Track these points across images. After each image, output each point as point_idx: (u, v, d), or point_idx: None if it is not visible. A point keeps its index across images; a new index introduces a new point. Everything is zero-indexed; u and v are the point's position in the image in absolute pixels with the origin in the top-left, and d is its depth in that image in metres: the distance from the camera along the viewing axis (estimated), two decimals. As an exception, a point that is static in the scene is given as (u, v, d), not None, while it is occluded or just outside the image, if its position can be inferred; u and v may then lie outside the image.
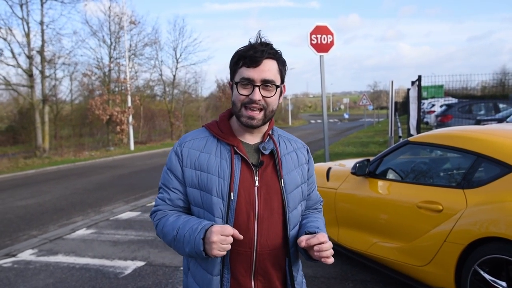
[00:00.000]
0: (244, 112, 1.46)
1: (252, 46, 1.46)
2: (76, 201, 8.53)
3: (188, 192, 1.52)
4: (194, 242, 1.38)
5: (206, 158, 1.49)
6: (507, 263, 2.73)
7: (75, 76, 25.59)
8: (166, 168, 1.57)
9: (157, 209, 1.57)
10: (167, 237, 1.50)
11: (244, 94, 1.45)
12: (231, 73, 1.53)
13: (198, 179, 1.48)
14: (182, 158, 1.52)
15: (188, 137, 1.57)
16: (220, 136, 1.51)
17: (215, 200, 1.45)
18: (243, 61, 1.45)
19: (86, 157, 18.73)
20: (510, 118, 10.25)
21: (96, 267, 4.66)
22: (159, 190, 1.59)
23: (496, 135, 3.29)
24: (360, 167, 3.94)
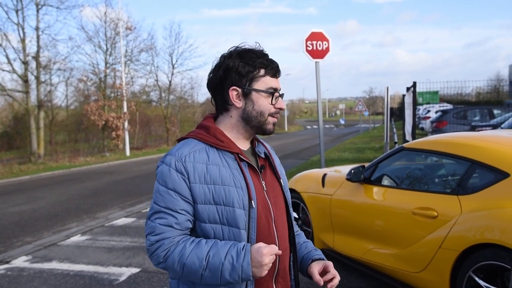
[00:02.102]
0: (270, 120, 1.50)
1: (268, 57, 1.48)
2: (71, 207, 8.48)
3: (200, 210, 1.39)
4: (242, 269, 1.31)
5: (217, 170, 1.40)
6: (501, 269, 2.74)
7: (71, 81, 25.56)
8: (164, 188, 1.39)
9: (162, 237, 1.37)
10: (190, 267, 1.34)
11: (274, 103, 1.49)
12: (242, 79, 1.45)
13: (213, 193, 1.38)
14: (188, 174, 1.38)
15: (183, 151, 1.42)
16: (221, 146, 1.44)
17: (238, 212, 1.39)
18: (268, 71, 1.46)
19: (81, 163, 18.66)
20: (505, 124, 10.31)
21: (91, 274, 4.63)
22: (156, 215, 1.39)
23: (490, 142, 3.31)
24: (355, 173, 3.94)
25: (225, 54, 1.48)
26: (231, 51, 1.48)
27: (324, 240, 4.38)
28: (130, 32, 24.73)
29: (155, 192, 1.42)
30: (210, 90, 1.53)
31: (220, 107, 1.51)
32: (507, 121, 10.48)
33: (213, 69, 1.50)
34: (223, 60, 1.47)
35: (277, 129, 48.29)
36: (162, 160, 1.43)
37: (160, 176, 1.41)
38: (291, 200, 1.77)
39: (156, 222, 1.39)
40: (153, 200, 1.42)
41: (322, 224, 4.40)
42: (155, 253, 1.38)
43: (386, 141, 7.39)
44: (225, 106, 1.49)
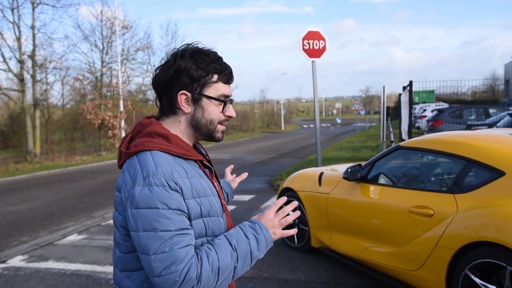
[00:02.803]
0: (219, 127, 1.43)
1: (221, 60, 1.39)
2: (67, 207, 8.46)
3: (193, 226, 1.30)
4: (265, 237, 1.35)
5: (197, 182, 1.34)
6: (497, 267, 2.76)
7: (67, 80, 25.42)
8: (169, 211, 1.23)
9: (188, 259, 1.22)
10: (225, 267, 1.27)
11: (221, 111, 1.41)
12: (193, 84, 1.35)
13: (201, 207, 1.32)
14: (182, 190, 1.27)
15: (165, 167, 1.27)
16: (187, 155, 1.35)
17: (221, 220, 1.40)
18: (220, 76, 1.38)
19: (78, 162, 18.60)
20: (500, 123, 10.35)
21: (87, 273, 4.62)
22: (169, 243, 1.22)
23: (486, 140, 3.33)
24: (352, 172, 3.96)
25: (177, 53, 1.37)
26: (184, 50, 1.37)
27: (321, 239, 4.39)
28: (126, 31, 24.63)
29: (156, 219, 1.22)
30: (155, 89, 1.41)
31: (167, 110, 1.40)
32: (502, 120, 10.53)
33: (162, 66, 1.39)
34: (174, 59, 1.36)
35: (274, 128, 48.36)
36: (146, 183, 1.24)
37: (154, 200, 1.22)
38: (288, 199, 1.82)
39: (174, 248, 1.21)
40: (156, 229, 1.22)
41: (319, 222, 4.41)
42: (187, 278, 1.21)
43: (382, 140, 7.41)
44: (172, 109, 1.38)
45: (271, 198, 8.23)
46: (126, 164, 1.34)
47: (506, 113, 11.72)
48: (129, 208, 1.26)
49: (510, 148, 3.12)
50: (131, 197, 1.25)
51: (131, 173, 1.29)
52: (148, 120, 1.41)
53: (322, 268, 4.41)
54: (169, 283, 1.20)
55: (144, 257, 1.23)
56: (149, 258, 1.22)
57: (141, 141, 1.34)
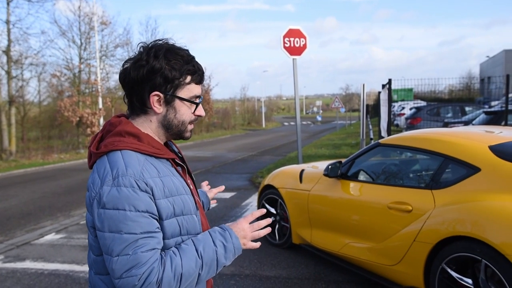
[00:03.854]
0: (189, 127, 1.43)
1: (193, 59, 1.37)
2: (45, 205, 8.29)
3: (166, 226, 1.29)
4: (234, 245, 1.34)
5: (170, 181, 1.33)
6: (472, 261, 2.83)
7: (43, 77, 24.83)
8: (136, 213, 1.22)
9: (151, 263, 1.21)
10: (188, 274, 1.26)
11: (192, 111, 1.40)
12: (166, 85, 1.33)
13: (174, 206, 1.31)
14: (153, 191, 1.26)
15: (135, 168, 1.26)
16: (159, 154, 1.34)
17: (196, 218, 1.39)
18: (193, 77, 1.36)
19: (55, 160, 18.24)
20: (476, 121, 10.61)
21: (66, 272, 4.55)
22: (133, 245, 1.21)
23: (462, 138, 3.41)
24: (332, 169, 4.00)
25: (149, 51, 1.33)
26: (157, 49, 1.33)
27: (302, 235, 4.43)
28: (105, 27, 24.24)
29: (122, 221, 1.20)
30: (124, 86, 1.37)
31: (137, 109, 1.37)
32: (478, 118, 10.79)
33: (133, 64, 1.33)
34: (146, 58, 1.32)
35: (255, 125, 48.37)
36: (115, 183, 1.22)
37: (122, 201, 1.21)
38: (269, 196, 1.84)
39: (137, 252, 1.21)
40: (121, 231, 1.21)
41: (300, 219, 4.44)
42: (146, 282, 1.20)
43: (362, 137, 7.50)
44: (143, 108, 1.36)
45: (252, 195, 8.24)
46: (96, 164, 1.32)
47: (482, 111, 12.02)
48: (95, 208, 1.25)
49: (485, 145, 3.20)
50: (99, 196, 1.24)
51: (100, 173, 1.27)
52: (118, 119, 1.39)
53: (303, 264, 4.45)
54: (129, 286, 1.20)
55: (107, 258, 1.23)
56: (111, 260, 1.21)
57: (111, 141, 1.32)
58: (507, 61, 39.52)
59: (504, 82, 7.69)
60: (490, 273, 2.74)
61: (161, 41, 1.37)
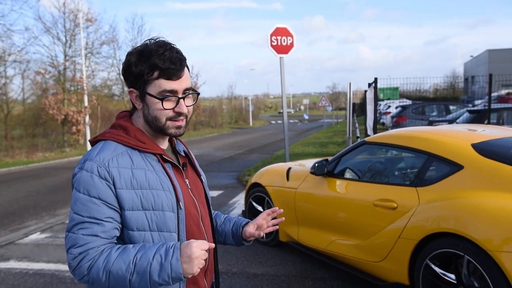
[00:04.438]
0: (170, 124, 1.38)
1: (168, 56, 1.32)
2: (29, 205, 8.18)
3: (128, 217, 1.31)
4: (171, 266, 1.22)
5: (143, 174, 1.33)
6: (455, 256, 2.88)
7: (27, 74, 24.40)
8: (87, 197, 1.28)
9: (86, 248, 1.26)
10: (116, 274, 1.24)
11: (169, 107, 1.35)
12: (138, 82, 1.35)
13: (141, 199, 1.31)
14: (114, 180, 1.29)
15: (105, 155, 1.31)
16: (143, 148, 1.36)
17: (168, 215, 1.35)
18: (161, 73, 1.32)
19: (40, 158, 17.99)
20: (460, 119, 10.78)
21: (51, 272, 4.50)
22: (80, 225, 1.27)
23: (446, 136, 3.47)
24: (319, 167, 4.03)
25: (132, 50, 1.37)
26: (137, 46, 1.38)
27: (288, 233, 4.45)
28: (90, 24, 23.93)
29: (75, 201, 1.30)
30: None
31: (132, 104, 1.43)
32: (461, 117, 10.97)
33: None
34: (127, 55, 1.36)
35: (242, 124, 48.30)
36: (81, 166, 1.31)
37: (80, 184, 1.29)
38: (256, 194, 1.83)
39: (79, 233, 1.27)
40: (73, 210, 1.29)
41: (287, 217, 4.46)
42: (79, 265, 1.26)
43: (348, 135, 7.56)
44: (133, 104, 1.42)
45: (239, 194, 8.25)
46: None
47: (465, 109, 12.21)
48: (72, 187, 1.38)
49: (468, 143, 3.26)
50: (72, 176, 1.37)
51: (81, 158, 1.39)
52: (120, 113, 1.47)
53: (290, 261, 4.48)
54: (68, 262, 1.30)
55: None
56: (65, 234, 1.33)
57: (104, 132, 1.42)
58: (490, 60, 40.24)
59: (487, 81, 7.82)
60: (473, 268, 2.79)
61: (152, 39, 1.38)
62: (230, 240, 1.69)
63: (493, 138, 3.39)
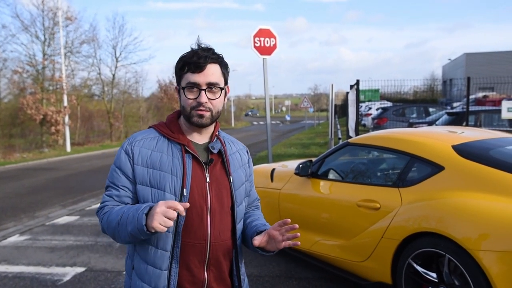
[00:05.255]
0: (193, 112, 1.55)
1: (195, 52, 1.54)
2: (7, 206, 8.00)
3: (138, 190, 1.55)
4: (137, 217, 1.41)
5: (158, 156, 1.55)
6: (437, 255, 2.93)
7: (4, 73, 23.83)
8: (114, 166, 1.59)
9: (104, 205, 1.59)
10: (111, 224, 1.51)
11: (192, 98, 1.54)
12: (177, 79, 1.59)
13: (150, 176, 1.53)
14: (133, 156, 1.55)
15: (138, 136, 1.61)
16: (171, 136, 1.58)
17: (168, 196, 1.51)
18: (188, 67, 1.53)
19: (17, 159, 17.58)
20: (439, 121, 10.99)
21: (32, 275, 4.41)
22: (107, 188, 1.60)
23: (427, 137, 3.54)
24: (303, 168, 4.06)
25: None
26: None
27: (273, 234, 4.46)
28: (70, 22, 23.58)
29: (110, 169, 1.62)
30: None
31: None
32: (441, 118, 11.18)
33: None
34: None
35: (224, 124, 48.11)
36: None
37: (115, 157, 1.60)
38: None
39: (105, 193, 1.61)
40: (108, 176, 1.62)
41: (271, 218, 4.47)
42: (98, 215, 1.61)
43: (330, 137, 7.63)
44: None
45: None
46: None
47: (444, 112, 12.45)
48: None
49: (448, 145, 3.33)
50: None
51: None
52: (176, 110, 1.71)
53: (274, 262, 4.50)
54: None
55: None
56: None
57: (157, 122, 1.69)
58: (467, 64, 41.07)
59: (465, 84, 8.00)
60: (453, 267, 2.85)
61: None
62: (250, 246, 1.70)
63: (472, 140, 3.47)
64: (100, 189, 9.53)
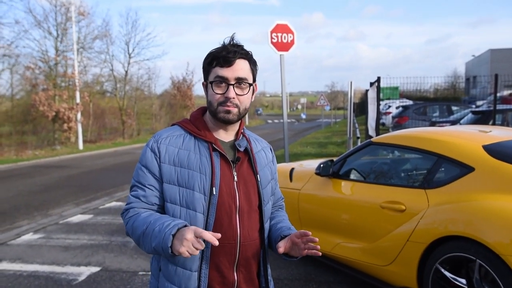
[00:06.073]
0: (220, 108, 1.51)
1: (225, 47, 1.52)
2: (20, 204, 8.00)
3: (165, 189, 1.50)
4: (164, 236, 1.36)
5: (186, 154, 1.51)
6: (467, 261, 2.81)
7: (17, 69, 23.93)
8: (140, 165, 1.55)
9: (130, 206, 1.53)
10: (136, 232, 1.47)
11: (219, 92, 1.50)
12: (205, 74, 1.56)
13: (178, 175, 1.49)
14: (160, 154, 1.51)
15: (163, 134, 1.56)
16: (197, 134, 1.54)
17: (197, 195, 1.48)
18: (217, 61, 1.50)
19: (30, 156, 17.70)
20: (463, 120, 10.60)
21: (46, 274, 4.36)
22: (132, 188, 1.56)
23: (456, 137, 3.39)
24: (324, 168, 3.94)
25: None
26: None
27: (291, 235, 4.35)
28: (83, 17, 23.61)
29: (135, 168, 1.58)
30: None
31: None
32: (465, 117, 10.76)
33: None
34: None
35: (237, 122, 47.84)
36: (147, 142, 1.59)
37: (141, 155, 1.56)
38: None
39: (130, 193, 1.56)
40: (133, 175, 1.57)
41: (290, 218, 4.35)
42: (123, 216, 1.55)
43: (349, 136, 7.48)
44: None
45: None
46: None
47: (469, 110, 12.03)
48: None
49: (479, 145, 3.19)
50: None
51: None
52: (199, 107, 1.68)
53: (293, 265, 4.38)
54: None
55: None
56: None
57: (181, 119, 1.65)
58: (492, 60, 39.41)
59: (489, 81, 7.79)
60: (484, 273, 2.73)
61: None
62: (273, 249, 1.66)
63: (504, 139, 3.32)
64: (114, 187, 9.52)
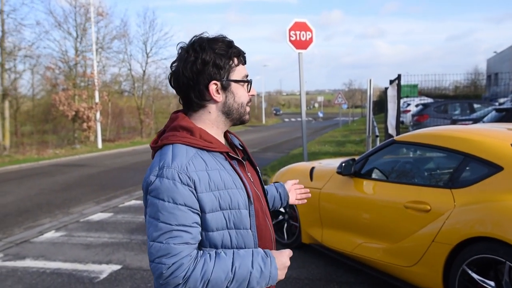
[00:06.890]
0: (247, 109, 1.47)
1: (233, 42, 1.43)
2: (42, 202, 8.13)
3: (208, 219, 1.31)
4: (270, 274, 1.32)
5: (217, 174, 1.34)
6: (495, 262, 2.74)
7: (37, 69, 24.40)
8: (173, 205, 1.27)
9: (180, 257, 1.25)
10: (215, 283, 1.27)
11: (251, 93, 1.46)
12: (222, 73, 1.39)
13: (219, 199, 1.33)
14: (195, 185, 1.29)
15: (181, 161, 1.31)
16: (211, 147, 1.37)
17: (244, 213, 1.38)
18: (239, 59, 1.42)
19: (50, 155, 17.99)
20: (486, 118, 10.31)
21: (69, 271, 4.41)
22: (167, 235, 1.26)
23: (483, 135, 3.30)
24: (346, 167, 3.87)
25: (194, 47, 1.37)
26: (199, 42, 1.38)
27: (312, 235, 4.31)
28: (101, 18, 23.91)
29: (160, 210, 1.27)
30: (178, 87, 1.41)
31: (195, 104, 1.41)
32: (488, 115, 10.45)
33: (184, 63, 1.37)
34: (194, 54, 1.36)
35: (255, 121, 48.09)
36: (158, 174, 1.29)
37: (162, 192, 1.27)
38: None
39: (170, 242, 1.26)
40: (159, 219, 1.27)
41: (310, 218, 4.32)
42: (173, 274, 1.25)
43: (368, 134, 7.38)
44: (202, 102, 1.41)
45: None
46: (154, 158, 1.41)
47: (492, 108, 11.67)
48: (144, 194, 1.35)
49: (507, 143, 3.09)
50: (146, 184, 1.32)
51: (152, 164, 1.36)
52: (175, 114, 1.45)
53: (313, 264, 4.34)
54: (157, 273, 1.26)
55: (147, 240, 1.31)
56: (148, 243, 1.29)
57: (166, 135, 1.39)
58: (515, 57, 38.16)
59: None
60: (514, 276, 2.65)
61: (197, 37, 1.42)
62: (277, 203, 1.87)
63: (534, 138, 3.21)
64: (133, 186, 9.59)
